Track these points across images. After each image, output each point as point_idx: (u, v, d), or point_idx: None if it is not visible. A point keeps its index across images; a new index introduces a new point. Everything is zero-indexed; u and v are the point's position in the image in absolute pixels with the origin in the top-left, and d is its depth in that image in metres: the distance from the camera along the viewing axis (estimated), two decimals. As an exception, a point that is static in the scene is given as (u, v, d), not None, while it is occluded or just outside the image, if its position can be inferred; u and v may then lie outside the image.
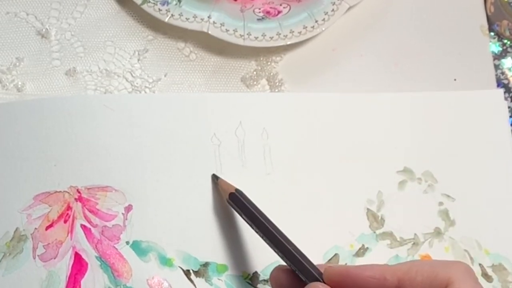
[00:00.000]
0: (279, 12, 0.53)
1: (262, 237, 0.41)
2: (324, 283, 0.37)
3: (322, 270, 0.38)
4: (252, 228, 0.42)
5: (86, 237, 0.45)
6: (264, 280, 0.45)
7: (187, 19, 0.51)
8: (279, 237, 0.40)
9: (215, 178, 0.47)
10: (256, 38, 0.51)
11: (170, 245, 0.45)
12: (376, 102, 0.51)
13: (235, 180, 0.46)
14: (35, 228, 0.45)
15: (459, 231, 0.49)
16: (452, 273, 0.34)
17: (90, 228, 0.45)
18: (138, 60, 0.52)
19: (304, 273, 0.38)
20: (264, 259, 0.46)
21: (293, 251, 0.39)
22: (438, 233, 0.48)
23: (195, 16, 0.51)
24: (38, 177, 0.46)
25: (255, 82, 0.52)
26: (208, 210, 0.46)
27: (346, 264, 0.46)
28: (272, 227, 0.41)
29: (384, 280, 0.35)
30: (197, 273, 0.45)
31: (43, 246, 0.44)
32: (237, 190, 0.44)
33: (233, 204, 0.44)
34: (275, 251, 0.41)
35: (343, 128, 0.50)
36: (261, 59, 0.53)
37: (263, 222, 0.42)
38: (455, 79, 0.54)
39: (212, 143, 0.48)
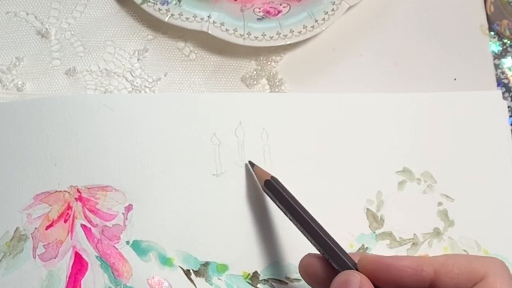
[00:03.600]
0: (279, 11, 0.53)
1: (296, 225, 0.41)
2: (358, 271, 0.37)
3: (356, 259, 0.38)
4: (287, 216, 0.42)
5: (86, 237, 0.45)
6: (264, 279, 0.46)
7: (187, 18, 0.51)
8: (313, 225, 0.40)
9: (251, 165, 0.47)
10: (256, 37, 0.51)
11: (170, 244, 0.45)
12: (375, 103, 0.51)
13: (234, 180, 0.46)
14: (35, 228, 0.45)
15: (458, 231, 0.49)
16: (488, 267, 0.35)
17: (90, 228, 0.45)
18: (138, 59, 0.52)
19: (338, 261, 0.38)
20: (264, 259, 0.46)
21: (327, 239, 0.39)
22: (437, 233, 0.48)
23: (195, 16, 0.51)
24: (38, 177, 0.46)
25: (255, 82, 0.52)
26: (208, 210, 0.46)
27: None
28: (307, 215, 0.41)
29: (421, 270, 0.35)
30: (197, 273, 0.45)
31: (43, 245, 0.44)
32: (272, 177, 0.44)
33: (268, 192, 0.44)
34: (308, 239, 0.40)
35: (342, 128, 0.50)
36: (261, 58, 0.53)
37: (297, 209, 0.41)
38: (455, 79, 0.54)
39: (212, 143, 0.48)
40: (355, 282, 0.36)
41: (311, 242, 0.40)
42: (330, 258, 0.39)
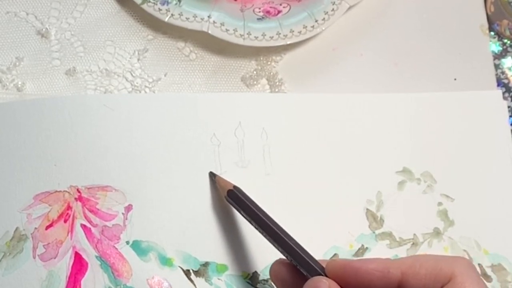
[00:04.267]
0: (279, 11, 0.53)
1: (262, 233, 0.42)
2: (327, 277, 0.37)
3: (323, 265, 0.38)
4: (252, 224, 0.42)
5: (86, 237, 0.45)
6: (264, 280, 0.46)
7: (187, 18, 0.51)
8: (279, 232, 0.40)
9: (212, 175, 0.47)
10: (256, 37, 0.51)
11: (170, 245, 0.45)
12: (375, 103, 0.51)
13: (234, 180, 0.46)
14: (35, 228, 0.45)
15: (458, 231, 0.49)
16: (456, 267, 0.35)
17: (90, 228, 0.45)
18: (138, 59, 0.52)
19: (306, 267, 0.38)
20: (264, 258, 0.46)
21: (293, 246, 0.39)
22: (437, 233, 0.48)
23: (195, 16, 0.51)
24: (38, 177, 0.46)
25: (255, 82, 0.52)
26: (208, 210, 0.46)
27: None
28: (272, 223, 0.41)
29: (387, 273, 0.35)
30: (197, 273, 0.45)
31: (43, 245, 0.44)
32: (235, 187, 0.44)
33: (231, 201, 0.44)
34: (275, 246, 0.41)
35: (342, 128, 0.50)
36: (261, 58, 0.53)
37: (262, 218, 0.42)
38: (455, 79, 0.54)
39: (212, 143, 0.48)
40: (325, 286, 0.36)
41: (278, 250, 0.40)
42: (298, 265, 0.39)
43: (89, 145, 0.46)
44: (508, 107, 0.53)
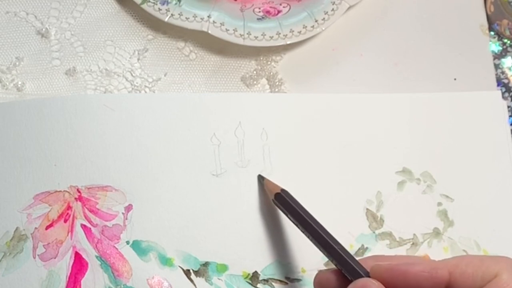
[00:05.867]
0: (279, 11, 0.53)
1: (308, 237, 0.41)
2: None
3: (367, 266, 0.38)
4: (298, 227, 0.42)
5: (86, 237, 0.45)
6: (264, 279, 0.46)
7: (187, 18, 0.51)
8: (325, 236, 0.40)
9: (261, 178, 0.47)
10: (256, 37, 0.51)
11: (170, 244, 0.45)
12: (375, 103, 0.51)
13: (234, 180, 0.46)
14: (35, 228, 0.45)
15: (458, 232, 0.49)
16: (501, 265, 0.35)
17: (90, 228, 0.45)
18: (138, 59, 0.52)
19: (351, 271, 0.38)
20: (264, 258, 0.46)
21: (339, 250, 0.39)
22: (437, 233, 0.48)
23: (195, 16, 0.51)
24: (38, 177, 0.46)
25: (255, 82, 0.52)
26: (208, 209, 0.46)
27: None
28: (318, 227, 0.41)
29: (436, 273, 0.35)
30: (197, 273, 0.45)
31: (43, 245, 0.45)
32: (283, 190, 0.44)
33: (278, 205, 0.44)
34: (321, 250, 0.40)
35: (342, 128, 0.50)
36: (261, 58, 0.53)
37: (309, 222, 0.41)
38: (455, 79, 0.54)
39: (212, 143, 0.48)
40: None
41: (324, 254, 0.40)
42: (343, 269, 0.39)
43: (89, 145, 0.46)
44: (508, 107, 0.53)
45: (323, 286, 0.40)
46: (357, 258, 0.39)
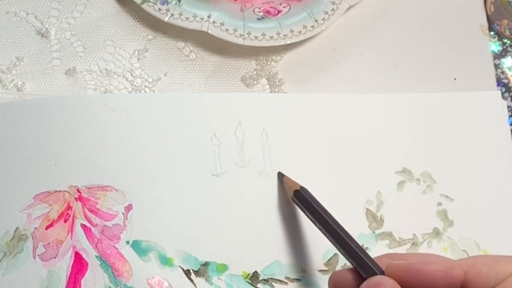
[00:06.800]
0: (279, 11, 0.53)
1: (325, 235, 0.42)
2: None
3: (382, 265, 0.39)
4: (316, 225, 0.43)
5: (86, 237, 0.45)
6: (264, 279, 0.46)
7: (187, 18, 0.51)
8: (342, 234, 0.41)
9: (280, 175, 0.47)
10: (256, 37, 0.51)
11: (170, 244, 0.45)
12: (375, 103, 0.51)
13: (234, 179, 0.46)
14: (35, 228, 0.45)
15: (458, 232, 0.49)
16: None
17: (90, 228, 0.45)
18: (138, 59, 0.52)
19: (367, 270, 0.39)
20: (264, 258, 0.46)
21: (355, 248, 0.40)
22: (437, 233, 0.48)
23: (195, 16, 0.51)
24: (38, 177, 0.46)
25: (255, 82, 0.52)
26: (208, 209, 0.46)
27: (345, 265, 0.46)
28: (336, 225, 0.41)
29: (451, 273, 0.35)
30: (197, 273, 0.45)
31: (43, 245, 0.45)
32: (302, 188, 0.44)
33: (297, 202, 0.44)
34: (337, 248, 0.41)
35: (342, 128, 0.50)
36: (261, 58, 0.53)
37: (327, 219, 0.42)
38: (455, 79, 0.54)
39: (212, 143, 0.48)
40: (388, 286, 0.36)
41: (340, 252, 0.41)
42: (359, 267, 0.39)
43: (89, 145, 0.46)
44: (508, 107, 0.53)
45: (338, 286, 0.40)
46: (372, 257, 0.39)
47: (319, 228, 0.42)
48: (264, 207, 0.47)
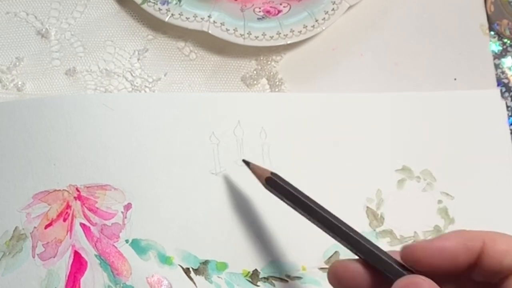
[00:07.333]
0: (279, 11, 0.53)
1: (308, 219, 0.39)
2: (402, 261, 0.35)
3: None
4: (296, 210, 0.40)
5: (86, 236, 0.45)
6: (264, 277, 0.45)
7: (187, 18, 0.51)
8: (327, 216, 0.38)
9: (246, 164, 0.44)
10: (256, 37, 0.51)
11: (170, 243, 0.45)
12: (375, 102, 0.51)
13: (234, 179, 0.46)
14: (35, 227, 0.45)
15: (459, 229, 0.48)
16: None
17: (89, 227, 0.45)
18: (138, 59, 0.52)
19: (360, 249, 0.36)
20: (264, 256, 0.46)
21: (345, 229, 0.37)
22: (437, 231, 0.48)
23: (195, 16, 0.51)
24: (37, 176, 0.46)
25: (255, 82, 0.52)
26: (207, 208, 0.46)
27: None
28: (317, 207, 0.39)
29: (471, 245, 0.33)
30: (197, 271, 0.45)
31: (43, 245, 0.44)
32: (273, 173, 0.42)
33: (271, 189, 0.42)
34: (324, 230, 0.38)
35: (342, 127, 0.50)
36: (261, 58, 0.53)
37: (306, 202, 0.39)
38: (455, 79, 0.54)
39: (211, 142, 0.48)
40: (426, 286, 0.33)
41: (329, 234, 0.38)
42: (355, 249, 0.36)
43: (88, 144, 0.46)
44: (508, 106, 0.53)
45: (341, 277, 0.36)
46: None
47: (300, 213, 0.39)
48: (263, 206, 0.46)
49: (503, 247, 0.34)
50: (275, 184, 0.41)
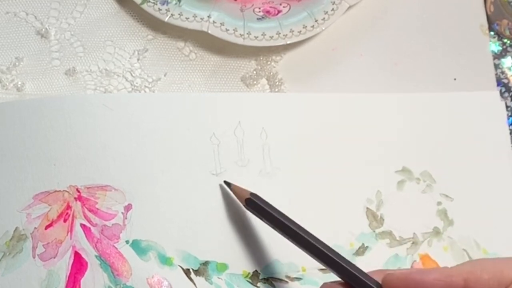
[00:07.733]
0: (279, 11, 0.53)
1: (288, 239, 0.41)
2: None
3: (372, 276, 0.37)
4: (276, 230, 0.41)
5: (86, 236, 0.45)
6: (264, 278, 0.45)
7: (187, 18, 0.51)
8: (306, 237, 0.40)
9: (227, 185, 0.46)
10: (256, 37, 0.51)
11: (170, 244, 0.45)
12: (375, 103, 0.51)
13: (234, 179, 0.46)
14: (35, 228, 0.45)
15: (458, 231, 0.49)
16: None
17: (89, 227, 0.45)
18: (138, 59, 0.52)
19: (340, 272, 0.38)
20: (264, 257, 0.46)
21: (325, 250, 0.39)
22: (437, 232, 0.48)
23: (195, 16, 0.51)
24: (37, 177, 0.46)
25: (255, 82, 0.52)
26: (208, 209, 0.46)
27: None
28: (297, 227, 0.40)
29: (450, 281, 0.35)
30: (197, 272, 0.45)
31: (43, 245, 0.44)
32: (252, 194, 0.43)
33: (251, 210, 0.44)
34: (304, 251, 0.40)
35: (342, 128, 0.50)
36: (261, 58, 0.53)
37: (285, 223, 0.41)
38: (455, 79, 0.54)
39: (211, 143, 0.48)
40: None
41: (309, 255, 0.40)
42: (336, 272, 0.38)
43: (88, 144, 0.46)
44: (508, 107, 0.53)
45: None
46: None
47: (280, 233, 0.41)
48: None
49: (485, 277, 0.34)
50: (254, 205, 0.43)
